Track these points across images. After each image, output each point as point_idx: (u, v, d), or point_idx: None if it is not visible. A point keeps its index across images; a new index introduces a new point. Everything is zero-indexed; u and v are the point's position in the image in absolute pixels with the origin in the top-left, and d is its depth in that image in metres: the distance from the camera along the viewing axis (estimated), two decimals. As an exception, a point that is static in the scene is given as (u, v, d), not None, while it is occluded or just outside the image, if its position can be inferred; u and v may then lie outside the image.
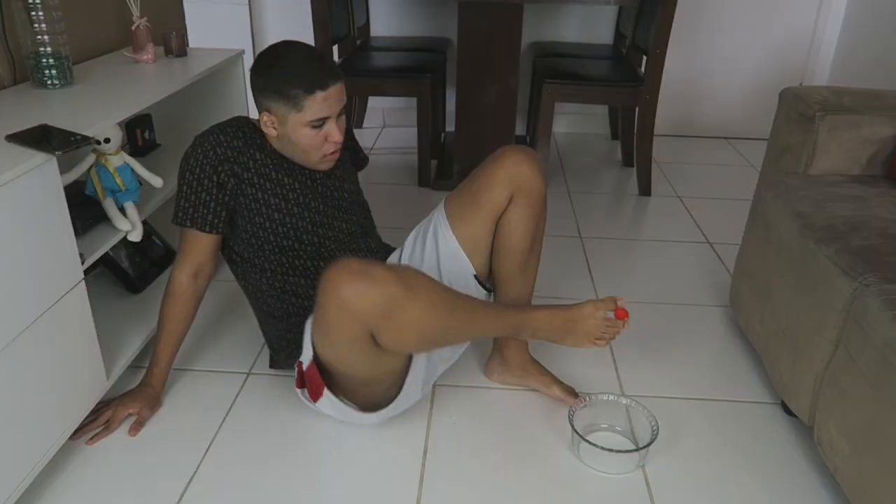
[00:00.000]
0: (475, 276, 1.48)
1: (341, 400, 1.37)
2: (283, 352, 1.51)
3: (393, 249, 1.60)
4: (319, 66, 1.33)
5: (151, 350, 1.50)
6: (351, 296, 1.14)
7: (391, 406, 1.38)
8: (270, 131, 1.38)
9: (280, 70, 1.32)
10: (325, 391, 1.34)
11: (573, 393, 1.53)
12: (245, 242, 1.44)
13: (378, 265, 1.18)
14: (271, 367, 1.58)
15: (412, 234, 1.56)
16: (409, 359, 1.35)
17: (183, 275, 1.43)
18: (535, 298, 1.58)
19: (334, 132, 1.37)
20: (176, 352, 1.50)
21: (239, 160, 1.38)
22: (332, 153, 1.41)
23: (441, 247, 1.47)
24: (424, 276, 1.23)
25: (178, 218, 1.39)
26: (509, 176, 1.41)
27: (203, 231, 1.39)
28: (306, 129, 1.35)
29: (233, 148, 1.38)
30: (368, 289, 1.14)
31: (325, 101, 1.32)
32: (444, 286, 1.27)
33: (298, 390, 1.41)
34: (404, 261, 1.53)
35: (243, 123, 1.43)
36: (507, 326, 1.37)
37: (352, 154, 1.62)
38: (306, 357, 1.35)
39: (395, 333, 1.19)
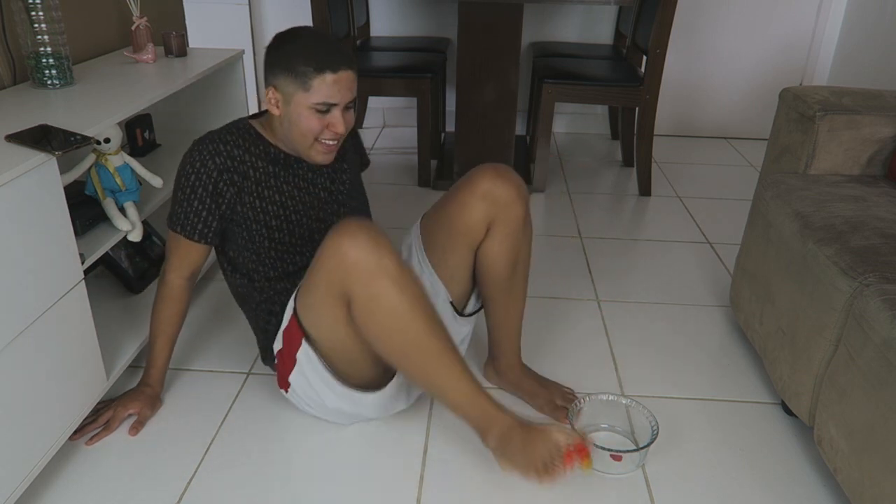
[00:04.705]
0: (451, 303, 1.46)
1: (320, 360, 1.31)
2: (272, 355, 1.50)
3: None
4: (335, 48, 1.29)
5: (147, 351, 1.50)
6: (349, 246, 1.15)
7: (373, 395, 1.34)
8: (273, 110, 1.34)
9: (293, 46, 1.29)
10: (304, 343, 1.29)
11: (566, 401, 1.50)
12: (240, 247, 1.42)
13: (391, 245, 1.18)
14: (264, 362, 1.55)
15: None
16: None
17: (178, 278, 1.43)
18: (533, 298, 1.57)
19: (338, 123, 1.32)
20: (172, 350, 1.50)
21: (239, 169, 1.35)
22: (330, 146, 1.35)
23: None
24: (423, 288, 1.21)
25: (171, 221, 1.39)
26: (484, 203, 1.35)
27: (192, 240, 1.38)
28: (310, 112, 1.30)
29: (232, 157, 1.35)
30: (367, 245, 1.15)
31: (334, 85, 1.28)
32: (437, 316, 1.21)
33: (284, 392, 1.42)
34: None
35: (243, 129, 1.40)
36: (470, 404, 1.23)
37: (355, 152, 1.59)
38: (286, 318, 1.33)
39: (366, 307, 1.18)
